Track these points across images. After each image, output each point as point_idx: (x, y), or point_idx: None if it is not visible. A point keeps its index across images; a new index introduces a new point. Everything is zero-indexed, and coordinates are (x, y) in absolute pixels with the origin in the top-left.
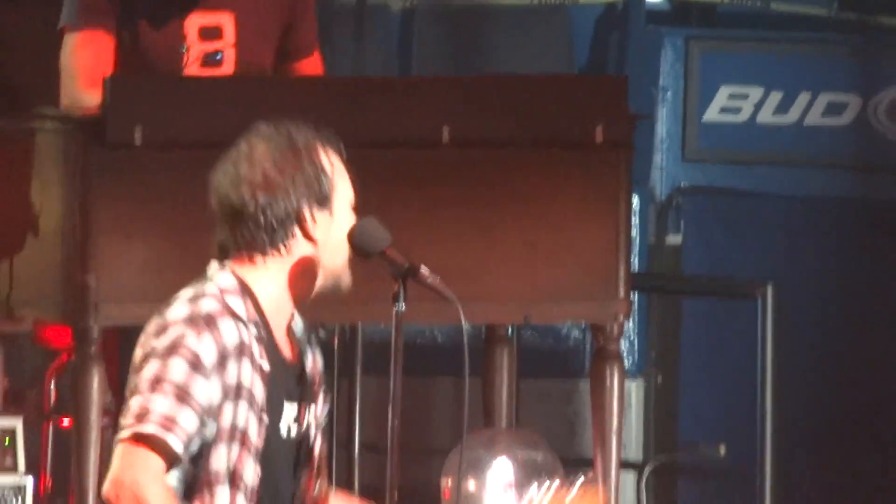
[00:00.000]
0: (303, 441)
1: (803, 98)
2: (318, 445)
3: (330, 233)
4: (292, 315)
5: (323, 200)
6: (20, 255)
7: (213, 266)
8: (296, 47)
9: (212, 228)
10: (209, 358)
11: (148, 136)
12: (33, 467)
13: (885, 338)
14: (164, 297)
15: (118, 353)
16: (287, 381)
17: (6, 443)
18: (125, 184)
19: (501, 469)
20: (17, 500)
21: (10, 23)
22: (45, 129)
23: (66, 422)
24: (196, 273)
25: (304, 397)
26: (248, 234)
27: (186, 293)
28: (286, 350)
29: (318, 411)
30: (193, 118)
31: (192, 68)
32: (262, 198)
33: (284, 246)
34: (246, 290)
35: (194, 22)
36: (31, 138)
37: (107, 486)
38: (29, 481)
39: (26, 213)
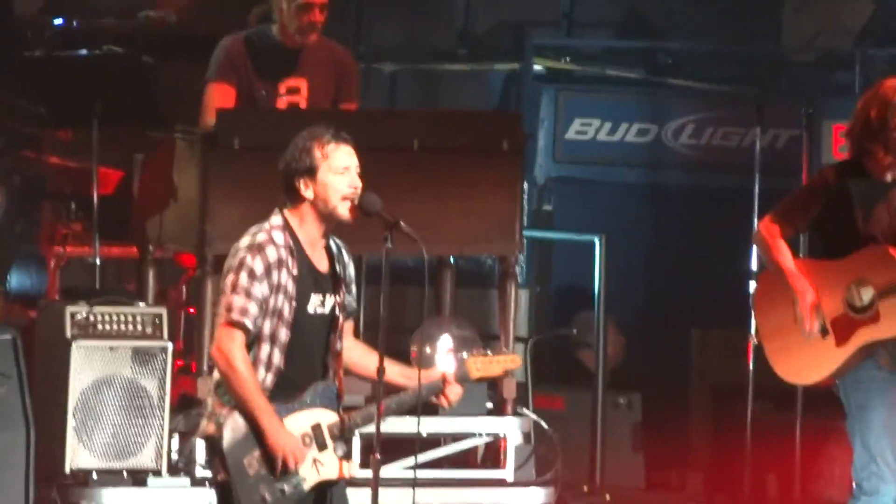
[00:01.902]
0: (330, 318)
1: (624, 126)
2: (341, 321)
3: (317, 193)
4: (325, 240)
5: (310, 173)
6: (167, 211)
7: (274, 213)
8: (342, 98)
9: (277, 195)
10: (259, 270)
11: (242, 142)
12: (171, 337)
13: (680, 275)
14: None
15: None
16: (315, 281)
17: (157, 321)
18: (228, 171)
19: (445, 341)
20: (162, 355)
21: (174, 73)
22: (184, 137)
23: (192, 310)
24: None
25: (329, 291)
26: (283, 192)
27: (252, 230)
28: (319, 262)
29: (342, 301)
30: (267, 132)
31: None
32: (283, 171)
33: (296, 199)
34: (287, 227)
35: (284, 83)
36: (174, 143)
37: (212, 350)
38: (169, 345)
39: (170, 188)
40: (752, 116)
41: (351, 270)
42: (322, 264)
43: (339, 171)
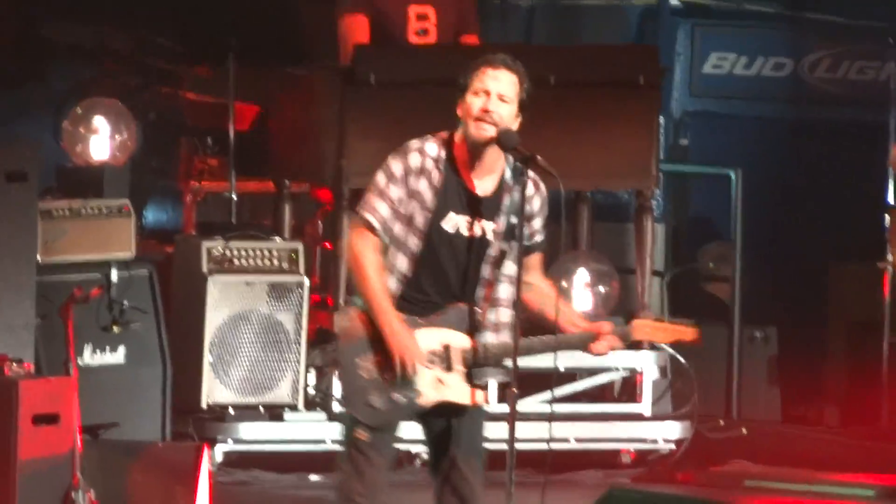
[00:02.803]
0: (479, 243)
1: (760, 60)
2: (498, 248)
3: (461, 111)
4: (489, 163)
5: (461, 93)
6: (303, 146)
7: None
8: (463, 30)
9: (417, 134)
10: (398, 172)
11: (379, 78)
12: (308, 272)
13: (817, 209)
14: None
15: None
16: (465, 201)
17: (293, 256)
18: (364, 106)
19: (582, 275)
20: (298, 290)
21: (312, 8)
22: (323, 73)
23: (328, 245)
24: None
25: (482, 216)
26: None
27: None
28: (478, 185)
29: (500, 230)
30: (403, 67)
31: (410, 38)
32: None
33: (457, 117)
34: (448, 142)
35: (413, 10)
36: (311, 78)
37: (345, 245)
38: (306, 280)
39: (307, 123)
40: (888, 50)
41: (536, 205)
42: (483, 188)
43: (476, 93)
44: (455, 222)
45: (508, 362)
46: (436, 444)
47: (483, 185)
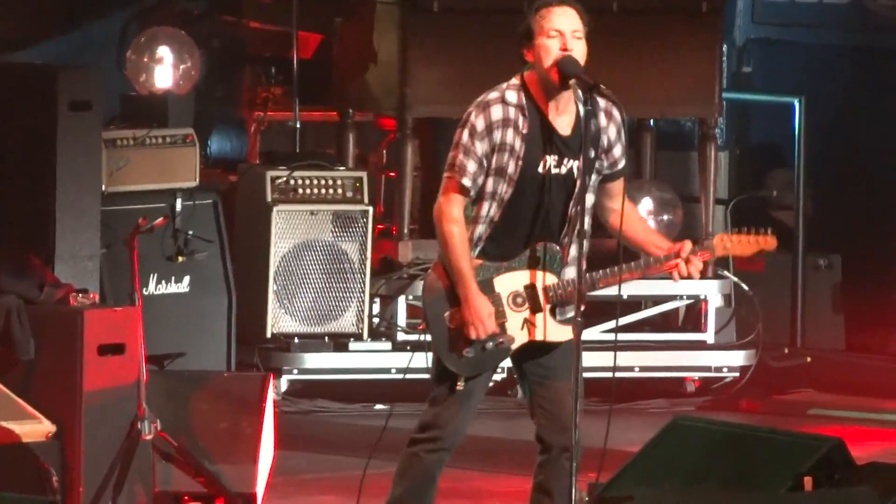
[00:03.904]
0: (567, 179)
1: None
2: (581, 183)
3: (537, 57)
4: (566, 101)
5: (528, 37)
6: (367, 75)
7: (518, 74)
8: None
9: (480, 62)
10: (481, 126)
11: (441, 5)
12: (372, 201)
13: (881, 136)
14: (451, 102)
15: None
16: (552, 141)
17: (357, 185)
18: (428, 34)
19: (646, 202)
20: (363, 219)
21: None
22: (385, 1)
23: (392, 174)
24: (474, 90)
25: (570, 154)
26: (521, 62)
27: (492, 88)
28: (560, 125)
29: (581, 164)
30: None
31: None
32: (517, 41)
33: (525, 62)
34: (523, 86)
35: None
36: (374, 6)
37: (435, 206)
38: (370, 209)
39: (370, 51)
40: None
41: (612, 133)
42: (563, 127)
43: (550, 35)
44: (548, 163)
45: (595, 293)
46: (532, 381)
47: (562, 123)
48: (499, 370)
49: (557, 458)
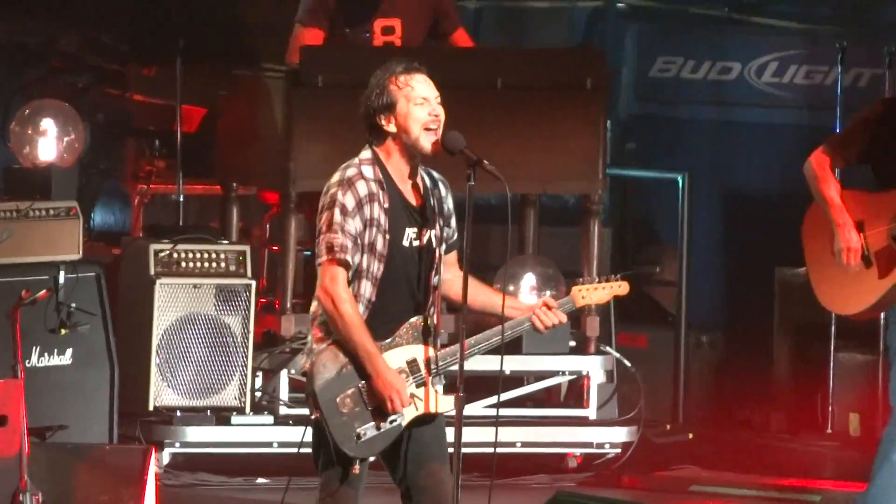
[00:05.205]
0: (426, 252)
1: (707, 63)
2: (438, 254)
3: (399, 126)
4: (416, 174)
5: (389, 108)
6: (250, 149)
7: (364, 148)
8: (444, 30)
9: (365, 137)
10: (351, 205)
11: (326, 80)
12: (255, 275)
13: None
14: (332, 174)
15: None
16: (409, 214)
17: (240, 259)
18: (312, 108)
19: (528, 279)
20: (246, 293)
21: (258, 10)
22: (269, 75)
23: (275, 248)
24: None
25: (424, 225)
26: (367, 132)
27: (343, 166)
28: (411, 196)
29: (439, 234)
30: (351, 69)
31: None
32: (363, 112)
33: (381, 135)
34: (377, 160)
35: (378, 24)
36: (258, 80)
37: (318, 292)
38: (253, 283)
39: (254, 125)
40: (834, 55)
41: (450, 203)
42: (414, 198)
43: (417, 102)
44: (408, 236)
45: (468, 364)
46: (406, 454)
47: (413, 194)
48: None
49: None
